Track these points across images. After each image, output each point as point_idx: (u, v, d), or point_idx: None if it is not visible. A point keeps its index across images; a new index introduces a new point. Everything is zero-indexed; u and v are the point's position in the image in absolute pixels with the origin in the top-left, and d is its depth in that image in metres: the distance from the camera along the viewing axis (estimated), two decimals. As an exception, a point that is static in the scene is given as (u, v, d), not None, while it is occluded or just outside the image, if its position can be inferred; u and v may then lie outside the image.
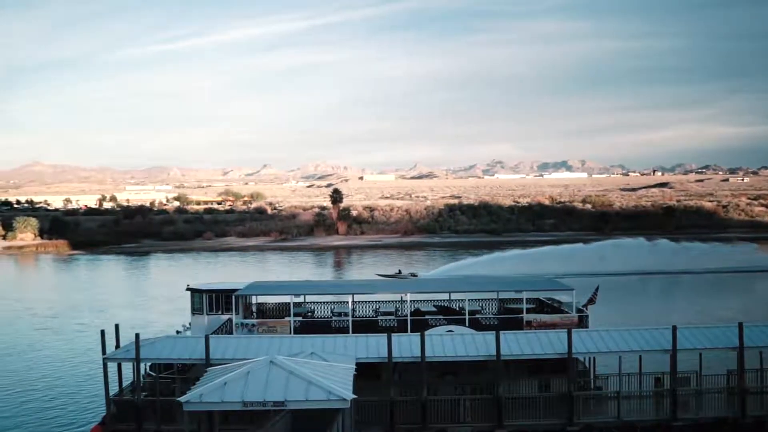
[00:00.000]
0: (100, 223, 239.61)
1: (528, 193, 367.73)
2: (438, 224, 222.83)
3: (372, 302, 54.85)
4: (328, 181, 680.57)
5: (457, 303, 53.34)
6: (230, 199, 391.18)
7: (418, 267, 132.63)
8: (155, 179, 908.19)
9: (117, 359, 42.54)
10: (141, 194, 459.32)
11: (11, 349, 68.96)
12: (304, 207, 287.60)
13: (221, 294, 51.43)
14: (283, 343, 41.36)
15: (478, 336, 42.51)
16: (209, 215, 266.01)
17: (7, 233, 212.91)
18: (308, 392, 29.83)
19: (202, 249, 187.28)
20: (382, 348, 39.77)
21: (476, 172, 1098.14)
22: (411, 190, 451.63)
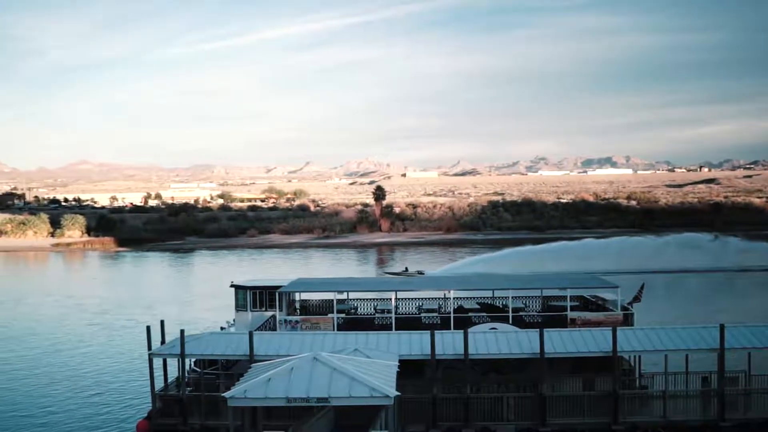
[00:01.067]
0: (146, 220, 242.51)
1: (572, 190, 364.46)
2: (481, 221, 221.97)
3: (415, 299, 54.83)
4: (370, 179, 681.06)
5: (500, 300, 53.09)
6: (273, 196, 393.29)
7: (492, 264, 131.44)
8: (199, 177, 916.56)
9: (162, 355, 43.08)
10: (185, 192, 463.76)
11: (62, 344, 70.09)
12: (347, 204, 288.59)
13: (265, 291, 51.75)
14: (326, 340, 41.51)
15: (521, 333, 42.29)
16: (253, 212, 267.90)
17: (56, 230, 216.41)
18: (351, 389, 29.88)
19: (245, 246, 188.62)
20: (425, 345, 39.71)
21: (519, 168, 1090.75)
22: (454, 187, 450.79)
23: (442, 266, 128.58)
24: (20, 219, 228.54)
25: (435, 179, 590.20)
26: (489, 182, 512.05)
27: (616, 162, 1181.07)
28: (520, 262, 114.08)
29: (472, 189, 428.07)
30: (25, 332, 75.92)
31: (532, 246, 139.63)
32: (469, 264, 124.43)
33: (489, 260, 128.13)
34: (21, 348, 68.60)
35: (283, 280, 54.36)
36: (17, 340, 72.06)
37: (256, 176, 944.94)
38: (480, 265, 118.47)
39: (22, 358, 64.26)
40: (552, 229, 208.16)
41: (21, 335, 74.56)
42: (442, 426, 39.04)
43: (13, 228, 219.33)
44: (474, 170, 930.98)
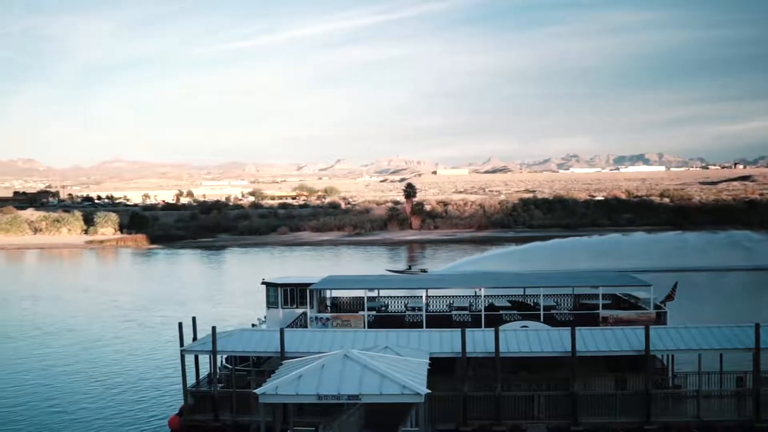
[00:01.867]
0: (178, 218, 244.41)
1: (604, 187, 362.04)
2: (512, 219, 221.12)
3: (446, 297, 54.73)
4: (401, 176, 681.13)
5: (531, 298, 52.85)
6: (304, 194, 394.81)
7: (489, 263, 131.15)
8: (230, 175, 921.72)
9: (194, 351, 43.43)
10: (217, 189, 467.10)
11: (98, 340, 70.83)
12: (378, 201, 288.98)
13: (296, 288, 51.92)
14: (357, 337, 41.57)
15: (553, 332, 42.05)
16: (284, 210, 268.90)
17: (89, 228, 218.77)
18: (382, 386, 29.89)
19: (276, 243, 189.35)
20: (456, 343, 39.61)
21: (551, 166, 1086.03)
22: (485, 185, 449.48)
23: (445, 264, 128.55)
24: (55, 216, 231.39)
25: (466, 176, 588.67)
26: (520, 179, 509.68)
27: (649, 159, 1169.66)
28: (531, 259, 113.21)
29: (503, 186, 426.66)
30: (63, 328, 76.81)
31: (540, 243, 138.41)
32: (472, 262, 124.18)
33: (493, 257, 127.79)
34: (58, 344, 69.39)
35: (314, 277, 54.54)
36: (55, 336, 72.94)
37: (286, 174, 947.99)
38: (483, 263, 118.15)
39: (59, 354, 64.99)
40: (583, 226, 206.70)
41: (58, 331, 75.45)
42: (472, 424, 38.94)
43: (48, 225, 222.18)
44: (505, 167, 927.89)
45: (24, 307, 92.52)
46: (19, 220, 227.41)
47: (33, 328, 77.62)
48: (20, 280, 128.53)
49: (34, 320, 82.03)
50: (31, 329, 76.82)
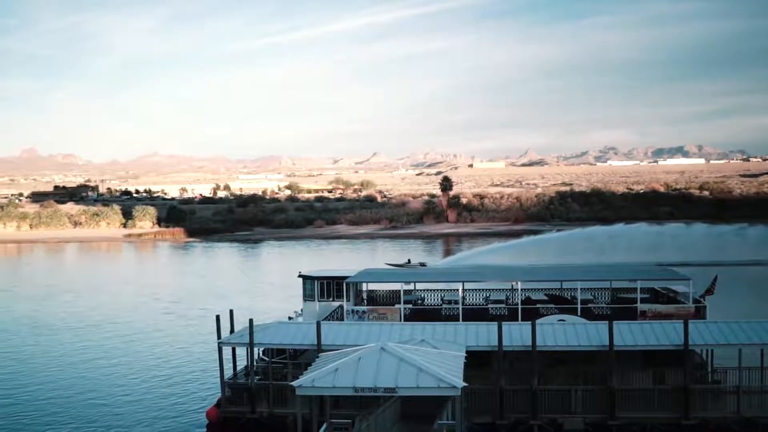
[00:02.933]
0: (215, 211, 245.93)
1: (642, 180, 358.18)
2: (549, 212, 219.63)
3: (482, 290, 54.58)
4: (437, 169, 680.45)
5: (568, 292, 52.53)
6: (340, 187, 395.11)
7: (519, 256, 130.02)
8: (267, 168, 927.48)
9: (231, 344, 43.84)
10: (253, 183, 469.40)
11: (138, 332, 71.63)
12: (414, 195, 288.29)
13: (332, 281, 52.04)
14: (393, 330, 41.65)
15: (590, 325, 41.82)
16: (320, 203, 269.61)
17: (127, 221, 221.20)
18: (419, 379, 29.91)
19: (313, 237, 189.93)
20: (493, 336, 39.53)
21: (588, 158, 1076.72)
22: (521, 178, 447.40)
23: (446, 258, 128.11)
24: (94, 210, 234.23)
25: (502, 170, 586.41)
26: (557, 173, 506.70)
27: (688, 151, 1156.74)
28: (538, 250, 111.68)
29: (540, 179, 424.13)
30: (104, 321, 77.81)
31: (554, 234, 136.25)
32: (473, 255, 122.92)
33: (497, 250, 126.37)
34: (100, 336, 70.33)
35: (351, 270, 54.65)
36: (97, 329, 73.91)
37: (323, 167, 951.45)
38: (485, 256, 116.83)
39: (101, 347, 65.91)
40: (621, 219, 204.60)
41: (100, 324, 76.45)
42: (508, 418, 38.88)
43: (87, 219, 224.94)
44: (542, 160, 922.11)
45: (66, 300, 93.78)
46: (60, 214, 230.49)
47: (75, 320, 78.71)
48: (61, 273, 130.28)
49: (77, 313, 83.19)
50: (73, 322, 77.89)
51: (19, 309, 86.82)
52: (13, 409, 47.74)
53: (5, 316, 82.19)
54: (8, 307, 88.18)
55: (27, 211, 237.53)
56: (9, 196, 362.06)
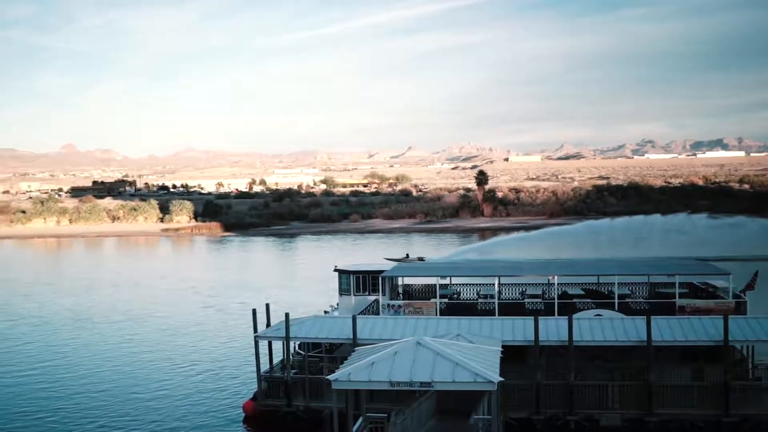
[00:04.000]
0: (251, 206, 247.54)
1: (680, 174, 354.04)
2: (585, 206, 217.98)
3: (518, 285, 54.31)
4: (473, 163, 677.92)
5: (605, 286, 52.08)
6: (376, 181, 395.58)
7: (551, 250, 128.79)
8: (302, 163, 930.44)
9: (267, 338, 44.15)
10: (289, 178, 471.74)
11: (177, 326, 72.35)
12: (449, 189, 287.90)
13: (368, 275, 52.03)
14: (429, 325, 41.65)
15: (627, 320, 41.47)
16: (355, 198, 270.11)
17: (164, 216, 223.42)
18: (455, 374, 29.83)
19: (348, 231, 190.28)
20: (529, 331, 39.39)
21: (625, 152, 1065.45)
22: (557, 171, 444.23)
23: (443, 252, 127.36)
24: (131, 205, 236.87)
25: (538, 163, 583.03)
26: (593, 166, 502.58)
27: (728, 144, 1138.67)
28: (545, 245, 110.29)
29: (576, 173, 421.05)
30: (144, 314, 78.72)
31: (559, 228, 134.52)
32: (469, 250, 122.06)
33: (493, 245, 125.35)
34: (140, 330, 71.15)
35: (386, 264, 54.66)
36: (137, 322, 74.78)
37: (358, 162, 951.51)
38: (479, 252, 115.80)
39: (140, 340, 66.71)
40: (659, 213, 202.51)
41: (140, 317, 77.34)
42: (545, 413, 38.71)
43: (125, 214, 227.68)
44: (578, 154, 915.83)
45: (107, 293, 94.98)
46: (98, 209, 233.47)
47: (116, 314, 79.73)
48: (101, 267, 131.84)
49: (117, 306, 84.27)
50: (114, 315, 78.91)
51: (61, 302, 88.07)
52: (56, 403, 48.48)
53: (48, 309, 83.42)
54: (51, 301, 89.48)
55: (66, 206, 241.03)
56: (49, 191, 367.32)
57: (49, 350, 63.42)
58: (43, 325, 74.32)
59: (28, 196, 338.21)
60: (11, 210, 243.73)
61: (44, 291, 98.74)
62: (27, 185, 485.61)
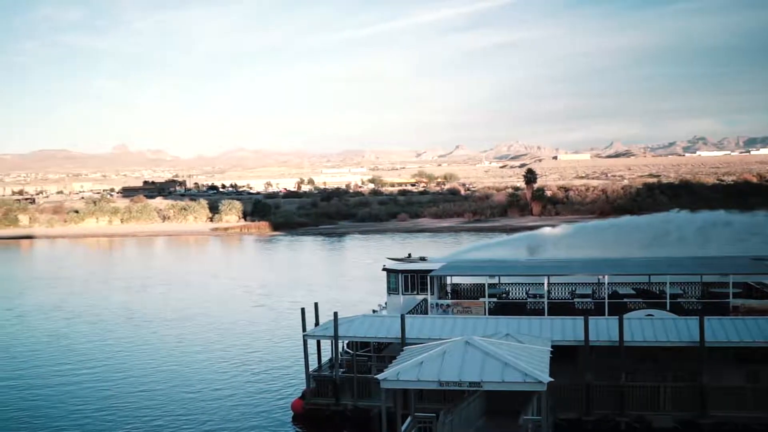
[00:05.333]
0: (299, 205, 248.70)
1: (733, 171, 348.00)
2: (636, 204, 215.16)
3: (568, 284, 53.90)
4: (521, 161, 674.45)
5: (657, 286, 51.45)
6: (424, 180, 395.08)
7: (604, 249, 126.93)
8: (350, 162, 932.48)
9: (316, 337, 44.39)
10: (337, 177, 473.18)
11: (228, 324, 72.98)
12: (498, 188, 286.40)
13: (417, 274, 52.04)
14: (477, 324, 41.51)
15: (680, 321, 40.89)
16: (403, 197, 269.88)
17: (214, 215, 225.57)
18: (504, 374, 29.69)
19: (396, 230, 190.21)
20: (579, 331, 39.06)
21: (676, 149, 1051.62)
22: (607, 170, 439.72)
23: (444, 252, 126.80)
24: (181, 205, 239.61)
25: (587, 161, 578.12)
26: (644, 164, 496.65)
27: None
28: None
29: (626, 171, 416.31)
30: (196, 313, 79.55)
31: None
32: (471, 250, 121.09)
33: (494, 245, 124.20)
34: (192, 328, 71.95)
35: (435, 263, 54.62)
36: (189, 321, 75.64)
37: (406, 161, 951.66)
38: (482, 251, 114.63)
39: (193, 338, 67.50)
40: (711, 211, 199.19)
41: (192, 316, 78.18)
42: (595, 414, 38.31)
43: (175, 213, 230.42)
44: (628, 151, 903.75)
45: (159, 292, 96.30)
46: (149, 209, 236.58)
47: (169, 312, 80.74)
48: (153, 266, 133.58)
49: (170, 305, 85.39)
50: (167, 314, 79.89)
51: (115, 301, 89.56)
52: (109, 401, 49.32)
53: (102, 308, 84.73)
54: (105, 300, 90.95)
55: (118, 206, 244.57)
56: (101, 191, 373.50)
57: (104, 348, 64.43)
58: (99, 324, 75.53)
59: (81, 196, 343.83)
60: (65, 210, 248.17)
61: (99, 289, 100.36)
62: (80, 185, 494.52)
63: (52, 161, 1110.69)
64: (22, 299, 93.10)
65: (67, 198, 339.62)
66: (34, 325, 75.79)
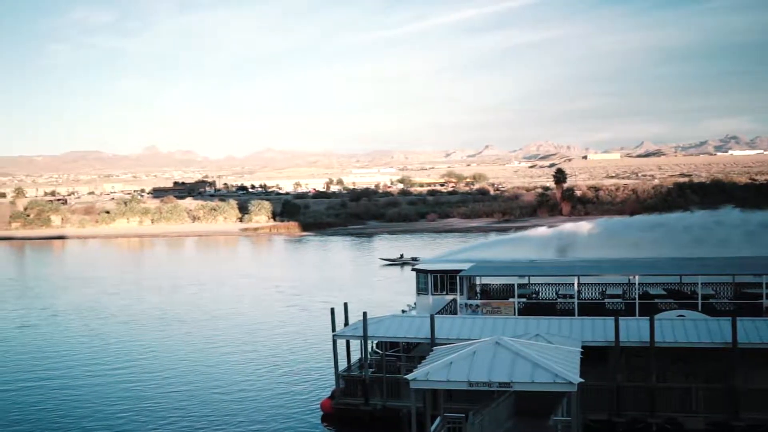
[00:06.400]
0: (328, 205, 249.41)
1: (767, 170, 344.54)
2: (667, 204, 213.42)
3: (598, 284, 53.61)
4: (550, 161, 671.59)
5: (688, 287, 51.01)
6: (453, 180, 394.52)
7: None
8: (379, 162, 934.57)
9: (345, 337, 44.50)
10: (366, 177, 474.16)
11: (259, 324, 73.43)
12: (527, 188, 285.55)
13: (446, 274, 51.99)
14: (507, 325, 41.42)
15: (711, 322, 40.50)
16: (432, 197, 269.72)
17: (243, 216, 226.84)
18: (534, 374, 29.63)
19: (425, 230, 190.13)
20: (609, 331, 38.84)
21: (708, 148, 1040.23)
22: (637, 169, 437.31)
23: (434, 253, 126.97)
24: (211, 205, 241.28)
25: (617, 161, 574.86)
26: (675, 163, 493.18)
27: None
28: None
29: (657, 170, 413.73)
30: (229, 313, 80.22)
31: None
32: (467, 250, 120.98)
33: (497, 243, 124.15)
34: (225, 328, 72.45)
35: (464, 263, 54.53)
36: (222, 321, 76.19)
37: (435, 161, 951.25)
38: (477, 251, 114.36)
39: (225, 338, 67.97)
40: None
41: (225, 315, 78.85)
42: (625, 415, 38.08)
43: (205, 214, 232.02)
44: (658, 151, 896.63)
45: (192, 292, 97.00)
46: (179, 209, 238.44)
47: (202, 312, 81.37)
48: (184, 266, 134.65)
49: (201, 305, 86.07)
50: (200, 313, 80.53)
51: (147, 301, 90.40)
52: (141, 400, 49.75)
53: (135, 308, 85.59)
54: (138, 300, 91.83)
55: (149, 207, 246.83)
56: (132, 192, 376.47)
57: (136, 348, 64.97)
58: (132, 324, 76.21)
59: (112, 197, 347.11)
60: (96, 210, 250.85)
61: (131, 289, 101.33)
62: (111, 186, 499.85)
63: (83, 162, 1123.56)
64: (56, 299, 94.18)
65: (98, 199, 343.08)
66: (68, 325, 76.67)
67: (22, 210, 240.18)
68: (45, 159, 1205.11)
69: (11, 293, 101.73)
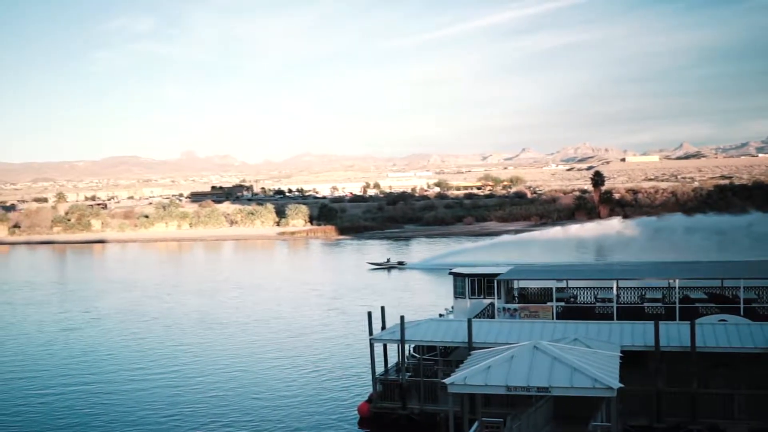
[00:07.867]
0: (365, 209, 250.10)
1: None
2: (707, 206, 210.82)
3: (638, 288, 53.09)
4: (588, 164, 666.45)
5: (730, 290, 50.33)
6: (490, 183, 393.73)
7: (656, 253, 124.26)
8: (416, 166, 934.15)
9: (383, 340, 44.47)
10: (402, 181, 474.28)
11: (298, 327, 73.62)
12: (565, 190, 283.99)
13: (483, 278, 51.88)
14: (545, 329, 41.13)
15: (754, 326, 39.88)
16: (469, 200, 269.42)
17: (281, 220, 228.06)
18: (573, 379, 29.42)
19: (462, 233, 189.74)
20: (649, 336, 38.40)
21: (749, 149, 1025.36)
22: (677, 171, 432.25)
23: (423, 256, 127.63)
24: (249, 209, 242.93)
25: (656, 163, 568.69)
26: (715, 165, 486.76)
27: None
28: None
29: (697, 173, 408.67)
30: (269, 317, 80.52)
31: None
32: (447, 255, 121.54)
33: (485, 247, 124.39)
34: (264, 331, 72.81)
35: (502, 266, 54.33)
36: (261, 324, 76.56)
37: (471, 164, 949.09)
38: (460, 256, 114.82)
39: (264, 341, 68.24)
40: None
41: (265, 319, 79.18)
42: (667, 422, 37.59)
43: (243, 218, 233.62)
44: (698, 153, 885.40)
45: (232, 296, 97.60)
46: (217, 213, 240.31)
47: (243, 315, 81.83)
48: (223, 269, 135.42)
49: (242, 308, 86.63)
50: (241, 317, 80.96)
51: (188, 304, 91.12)
52: (181, 402, 50.18)
53: (176, 311, 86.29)
54: (179, 303, 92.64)
55: (187, 211, 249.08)
56: (170, 196, 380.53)
57: (177, 352, 65.50)
58: (173, 327, 76.80)
59: (151, 201, 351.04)
60: (135, 215, 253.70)
61: (171, 293, 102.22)
62: (150, 191, 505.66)
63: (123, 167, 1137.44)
64: (97, 302, 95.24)
65: (137, 203, 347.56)
66: (110, 328, 77.46)
67: (63, 214, 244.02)
68: (86, 164, 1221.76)
69: (54, 296, 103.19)
